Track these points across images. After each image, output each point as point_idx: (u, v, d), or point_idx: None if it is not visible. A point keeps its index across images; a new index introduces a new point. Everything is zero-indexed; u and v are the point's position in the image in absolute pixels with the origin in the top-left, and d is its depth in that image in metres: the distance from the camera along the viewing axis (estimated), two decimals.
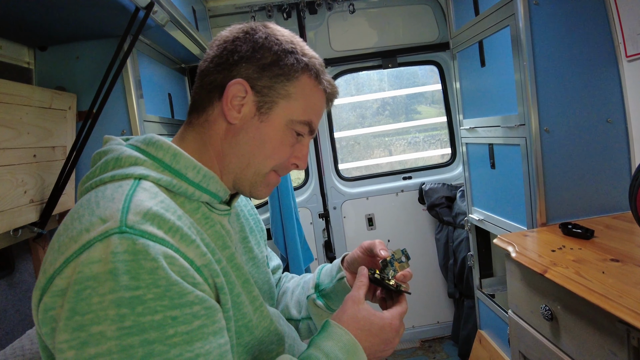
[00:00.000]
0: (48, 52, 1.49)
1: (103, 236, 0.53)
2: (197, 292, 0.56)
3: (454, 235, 2.56)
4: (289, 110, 0.73)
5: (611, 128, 1.56)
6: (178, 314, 0.53)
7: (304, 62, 0.73)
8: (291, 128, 0.74)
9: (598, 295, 0.97)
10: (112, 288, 0.50)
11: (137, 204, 0.57)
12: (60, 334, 0.50)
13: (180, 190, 0.66)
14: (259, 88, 0.71)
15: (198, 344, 0.54)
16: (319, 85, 0.75)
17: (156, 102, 1.78)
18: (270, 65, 0.71)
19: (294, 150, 0.76)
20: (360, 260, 0.89)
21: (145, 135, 0.70)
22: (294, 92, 0.73)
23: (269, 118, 0.72)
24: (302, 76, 0.73)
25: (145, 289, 0.51)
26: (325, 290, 0.91)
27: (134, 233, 0.54)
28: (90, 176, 0.66)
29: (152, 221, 0.56)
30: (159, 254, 0.54)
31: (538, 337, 1.29)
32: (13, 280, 1.34)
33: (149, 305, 0.51)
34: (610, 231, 1.37)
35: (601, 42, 1.53)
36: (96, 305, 0.50)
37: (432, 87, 3.08)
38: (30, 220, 1.27)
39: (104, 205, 0.57)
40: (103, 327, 0.49)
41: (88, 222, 0.55)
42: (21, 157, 1.18)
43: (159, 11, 1.37)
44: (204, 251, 0.61)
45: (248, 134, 0.72)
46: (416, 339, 2.89)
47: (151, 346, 0.50)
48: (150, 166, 0.65)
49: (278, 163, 0.75)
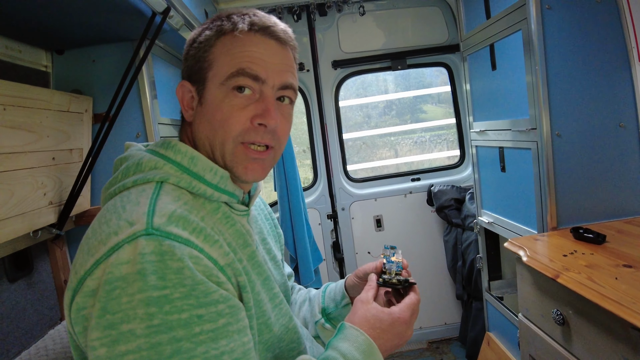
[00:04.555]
0: (65, 56, 1.52)
1: (131, 238, 0.55)
2: (221, 291, 0.58)
3: (463, 237, 2.56)
4: (216, 75, 0.69)
5: (623, 132, 1.55)
6: (204, 312, 0.55)
7: (215, 26, 0.70)
8: (228, 90, 0.68)
9: (611, 301, 0.97)
10: (140, 288, 0.52)
11: (162, 206, 0.59)
12: (92, 332, 0.52)
13: (199, 191, 0.68)
14: (193, 77, 0.72)
15: (223, 341, 0.56)
16: (238, 32, 0.68)
17: (169, 104, 1.80)
18: (189, 51, 0.72)
19: (250, 111, 0.69)
20: (359, 286, 0.91)
21: (163, 140, 0.72)
22: (215, 57, 0.69)
23: (205, 96, 0.70)
24: (218, 39, 0.70)
25: (172, 288, 0.53)
26: (332, 314, 0.94)
27: (160, 235, 0.56)
28: (113, 182, 0.68)
29: (177, 223, 0.58)
30: (185, 254, 0.56)
31: (549, 341, 1.29)
32: (32, 280, 1.37)
33: (176, 304, 0.53)
34: (622, 236, 1.37)
35: (614, 46, 1.53)
36: (125, 305, 0.52)
37: (440, 88, 3.08)
38: (49, 222, 1.30)
39: (130, 209, 0.59)
40: (133, 325, 0.51)
41: (116, 226, 0.57)
42: (41, 160, 1.21)
43: (175, 15, 1.39)
44: (227, 250, 0.63)
45: (197, 122, 0.72)
46: (424, 340, 2.90)
47: (179, 343, 0.52)
48: (170, 169, 0.67)
49: (237, 132, 0.68)
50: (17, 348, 1.27)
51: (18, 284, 1.31)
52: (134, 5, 1.19)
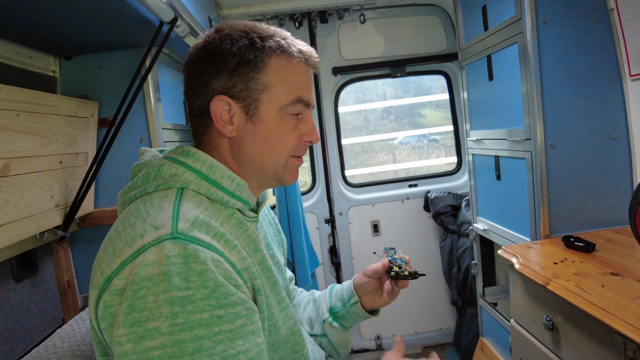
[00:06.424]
0: (73, 62, 1.56)
1: (156, 241, 0.59)
2: (239, 294, 0.61)
3: (459, 243, 2.60)
4: (274, 100, 0.74)
5: (614, 144, 1.60)
6: (223, 313, 0.58)
7: (264, 47, 0.73)
8: (284, 114, 0.75)
9: (597, 308, 1.01)
10: (165, 288, 0.55)
11: (185, 212, 0.64)
12: (119, 328, 0.56)
13: (217, 197, 0.72)
14: (238, 94, 0.73)
15: (239, 341, 0.59)
16: (291, 58, 0.75)
17: (172, 109, 1.84)
18: (236, 68, 0.72)
19: (299, 130, 0.78)
20: (367, 284, 0.98)
21: (182, 148, 0.75)
22: (270, 80, 0.73)
23: (260, 116, 0.74)
24: (269, 61, 0.73)
25: (195, 289, 0.57)
26: (339, 313, 0.99)
27: (184, 239, 0.59)
28: (133, 187, 0.72)
29: (200, 228, 0.62)
30: (207, 258, 0.59)
31: (539, 346, 1.33)
32: (36, 280, 1.41)
33: (198, 305, 0.56)
34: (611, 245, 1.42)
35: (606, 61, 1.58)
36: (151, 304, 0.55)
37: (437, 96, 3.12)
38: (55, 224, 1.33)
39: (154, 213, 0.63)
40: (157, 323, 0.55)
41: (141, 229, 0.61)
42: (49, 164, 1.25)
43: (181, 25, 1.43)
44: (244, 255, 0.67)
45: (249, 140, 0.76)
46: (418, 345, 2.93)
47: (200, 341, 0.56)
48: (189, 176, 0.71)
49: (291, 149, 0.77)
50: (22, 346, 1.30)
51: (23, 284, 1.35)
52: (143, 15, 1.23)
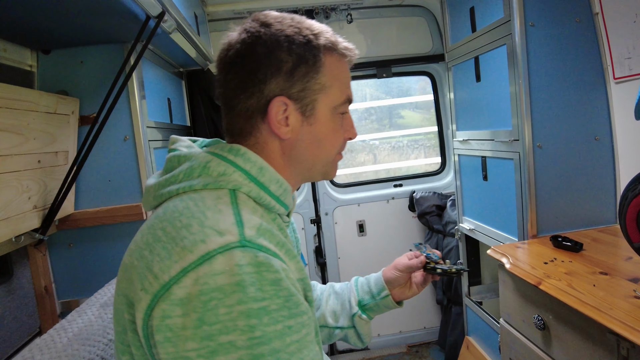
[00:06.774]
0: (51, 56, 1.48)
1: (224, 249, 0.54)
2: (305, 303, 0.59)
3: (444, 243, 2.62)
4: (330, 100, 0.74)
5: (599, 145, 1.64)
6: (293, 323, 0.55)
7: (320, 45, 0.71)
8: (335, 113, 0.75)
9: (591, 307, 1.03)
10: (240, 299, 0.52)
11: (248, 218, 0.60)
12: (187, 343, 0.51)
13: (264, 202, 0.69)
14: (296, 95, 0.70)
15: (305, 351, 0.57)
16: (341, 57, 0.75)
17: (157, 107, 1.78)
18: (295, 68, 0.69)
19: (344, 128, 0.79)
20: (400, 278, 1.02)
21: (231, 145, 0.70)
22: (326, 80, 0.72)
23: (316, 117, 0.73)
24: (326, 60, 0.72)
25: (269, 300, 0.53)
26: (368, 305, 1.02)
27: (253, 247, 0.56)
28: (172, 180, 0.66)
29: (265, 235, 0.59)
30: (279, 267, 0.56)
31: (529, 345, 1.34)
32: (11, 286, 1.33)
33: (273, 316, 0.53)
34: (597, 244, 1.44)
35: (591, 64, 1.61)
36: (224, 316, 0.51)
37: (420, 97, 3.14)
38: (33, 227, 1.26)
39: (212, 217, 0.59)
40: (232, 336, 0.51)
41: (201, 233, 0.56)
42: (27, 163, 1.17)
43: (169, 19, 1.38)
44: (302, 266, 0.65)
45: (304, 141, 0.73)
46: (403, 344, 2.94)
47: (277, 354, 0.53)
48: (238, 177, 0.67)
49: (339, 147, 0.79)
50: None
51: None
52: (128, 9, 1.17)
